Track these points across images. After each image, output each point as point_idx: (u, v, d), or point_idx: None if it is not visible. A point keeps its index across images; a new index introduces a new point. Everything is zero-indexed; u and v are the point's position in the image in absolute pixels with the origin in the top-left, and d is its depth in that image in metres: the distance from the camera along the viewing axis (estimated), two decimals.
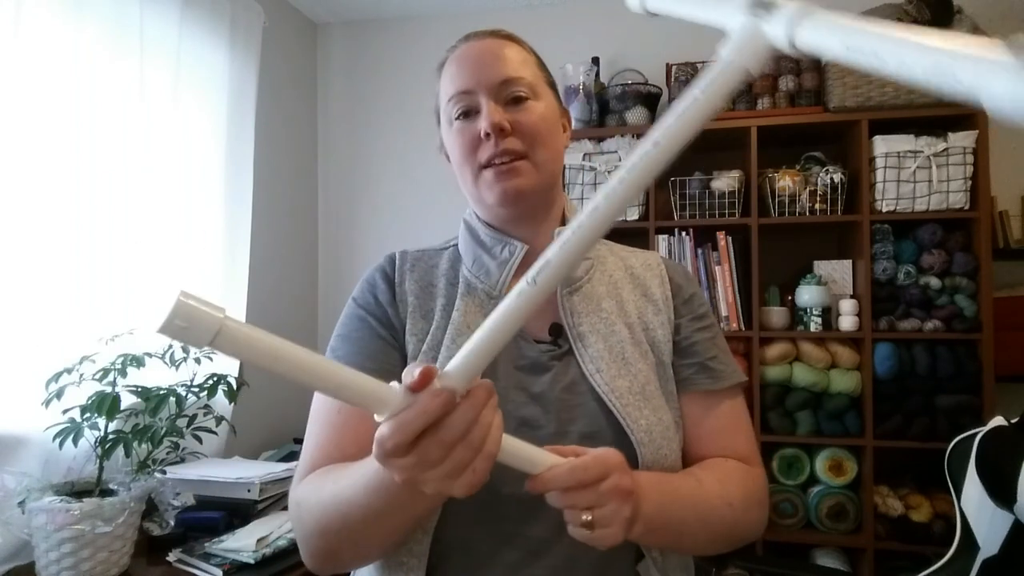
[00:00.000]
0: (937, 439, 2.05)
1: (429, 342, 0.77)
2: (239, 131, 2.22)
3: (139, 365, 1.43)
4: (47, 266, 1.53)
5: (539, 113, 0.78)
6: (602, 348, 0.76)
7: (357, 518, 0.63)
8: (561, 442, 0.70)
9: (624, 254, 0.89)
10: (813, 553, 2.29)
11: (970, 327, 2.11)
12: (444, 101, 0.80)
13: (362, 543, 0.67)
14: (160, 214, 1.88)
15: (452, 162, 0.82)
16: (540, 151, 0.78)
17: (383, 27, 2.93)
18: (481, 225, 0.83)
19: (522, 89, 0.78)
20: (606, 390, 0.73)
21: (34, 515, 1.26)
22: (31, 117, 1.50)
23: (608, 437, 0.71)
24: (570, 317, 0.78)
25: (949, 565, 1.43)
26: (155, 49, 1.86)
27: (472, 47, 0.80)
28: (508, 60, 0.78)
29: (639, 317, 0.81)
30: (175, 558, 1.42)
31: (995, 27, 2.28)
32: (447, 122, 0.80)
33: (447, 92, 0.80)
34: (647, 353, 0.78)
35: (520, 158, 0.76)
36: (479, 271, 0.82)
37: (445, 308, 0.80)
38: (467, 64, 0.79)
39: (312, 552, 0.69)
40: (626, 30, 2.65)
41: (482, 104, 0.76)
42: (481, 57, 0.79)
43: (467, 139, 0.77)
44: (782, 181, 2.27)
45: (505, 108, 0.77)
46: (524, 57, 0.81)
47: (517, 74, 0.78)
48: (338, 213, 2.96)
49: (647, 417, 0.73)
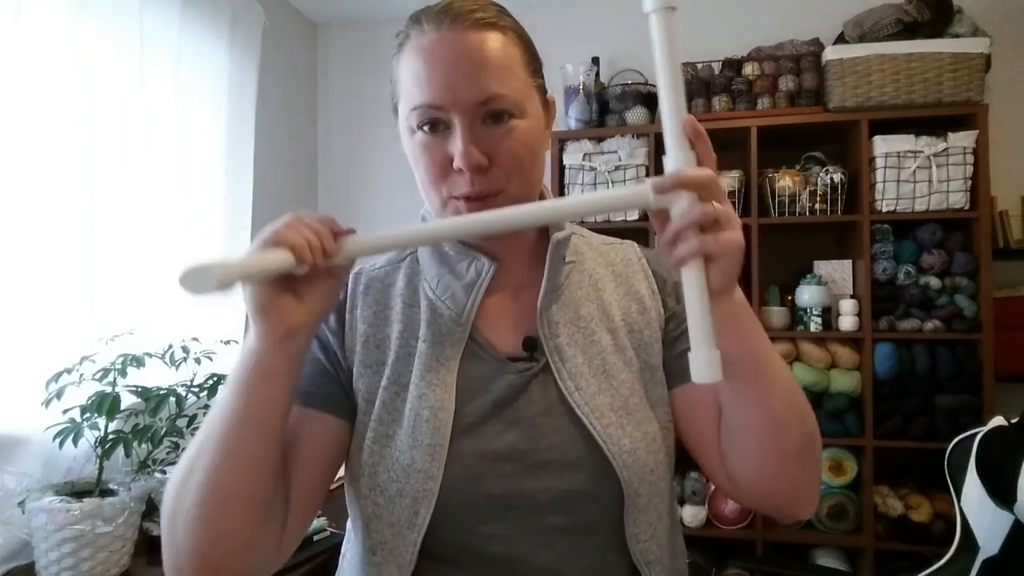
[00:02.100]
0: (937, 439, 2.05)
1: (389, 376, 0.70)
2: (239, 131, 2.22)
3: (139, 365, 1.43)
4: (47, 266, 1.53)
5: (523, 137, 0.66)
6: (581, 362, 0.71)
7: (214, 451, 0.60)
8: (540, 473, 0.68)
9: (604, 248, 0.82)
10: (813, 553, 2.29)
11: (970, 327, 2.11)
12: (405, 105, 0.67)
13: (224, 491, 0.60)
14: (160, 214, 1.88)
15: (412, 167, 0.71)
16: (520, 183, 0.67)
17: (383, 27, 2.92)
18: None
19: (506, 107, 0.65)
20: (586, 411, 0.68)
21: (34, 515, 1.26)
22: (32, 119, 1.50)
23: (589, 463, 0.68)
24: (546, 328, 0.72)
25: (949, 565, 1.43)
26: (155, 49, 1.86)
27: (447, 43, 0.64)
28: (491, 68, 0.64)
29: (623, 319, 0.75)
30: None
31: (995, 27, 2.28)
32: (407, 129, 0.68)
33: (411, 97, 0.66)
34: (631, 360, 0.73)
35: (496, 194, 0.66)
36: (444, 293, 0.73)
37: (402, 336, 0.72)
38: (439, 69, 0.64)
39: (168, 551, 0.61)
40: (626, 30, 2.65)
41: (456, 127, 0.64)
42: (457, 63, 0.64)
43: (433, 161, 0.66)
44: (782, 181, 2.27)
45: (483, 124, 0.65)
46: (510, 56, 0.67)
47: (501, 90, 0.64)
48: (338, 213, 2.92)
49: (631, 435, 0.68)
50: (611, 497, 0.68)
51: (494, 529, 0.67)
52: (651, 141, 2.35)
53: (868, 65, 2.17)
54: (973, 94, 2.13)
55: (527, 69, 0.69)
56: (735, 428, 0.67)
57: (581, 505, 0.68)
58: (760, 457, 0.66)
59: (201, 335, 1.73)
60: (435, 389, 0.69)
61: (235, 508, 0.60)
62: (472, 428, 0.69)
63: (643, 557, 0.70)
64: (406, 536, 0.66)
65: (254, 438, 0.61)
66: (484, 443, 0.68)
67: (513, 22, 0.69)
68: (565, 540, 0.68)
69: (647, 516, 0.70)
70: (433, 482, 0.66)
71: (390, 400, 0.70)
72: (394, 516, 0.67)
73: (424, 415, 0.68)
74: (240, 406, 0.60)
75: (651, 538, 0.70)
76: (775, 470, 0.66)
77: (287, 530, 0.66)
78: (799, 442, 0.64)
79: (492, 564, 0.67)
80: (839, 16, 2.31)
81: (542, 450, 0.68)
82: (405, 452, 0.67)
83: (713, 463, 0.72)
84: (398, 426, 0.69)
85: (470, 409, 0.69)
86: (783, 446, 0.64)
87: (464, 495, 0.66)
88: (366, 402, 0.71)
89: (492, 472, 0.67)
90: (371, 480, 0.69)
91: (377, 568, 0.69)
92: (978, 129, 2.12)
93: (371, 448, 0.69)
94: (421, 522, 0.66)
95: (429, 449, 0.66)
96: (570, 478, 0.68)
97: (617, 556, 0.70)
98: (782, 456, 0.65)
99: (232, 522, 0.60)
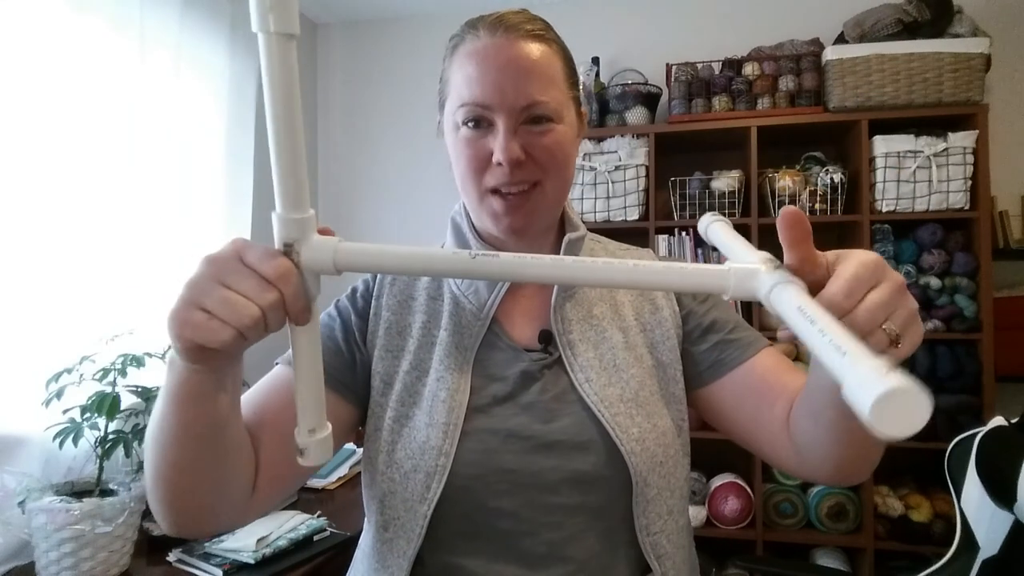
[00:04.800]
0: (937, 439, 2.05)
1: (412, 361, 0.75)
2: (239, 131, 2.22)
3: (139, 365, 1.43)
4: (47, 266, 1.53)
5: (559, 139, 0.72)
6: (592, 356, 0.74)
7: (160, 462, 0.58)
8: (550, 452, 0.69)
9: (620, 253, 0.87)
10: (813, 553, 2.29)
11: (970, 327, 2.11)
12: (453, 102, 0.73)
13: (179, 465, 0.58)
14: (160, 214, 1.88)
15: (452, 162, 0.76)
16: (554, 178, 0.73)
17: (383, 27, 2.93)
18: (472, 234, 0.79)
19: (547, 112, 0.70)
20: (595, 400, 0.71)
21: (34, 515, 1.26)
22: (32, 120, 1.50)
23: (599, 447, 0.70)
24: (560, 324, 0.76)
25: (949, 565, 1.43)
26: (155, 49, 1.86)
27: (500, 49, 0.70)
28: (537, 77, 0.70)
29: (636, 318, 0.78)
30: (175, 558, 1.42)
31: (995, 27, 2.28)
32: (452, 124, 0.73)
33: (460, 95, 0.71)
34: (643, 357, 0.76)
35: (533, 186, 0.72)
36: (467, 288, 0.78)
37: (426, 325, 0.77)
38: (489, 72, 0.69)
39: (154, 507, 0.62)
40: (626, 30, 2.65)
41: (499, 126, 0.69)
42: (507, 68, 0.69)
43: (475, 155, 0.71)
44: (782, 181, 2.27)
45: (523, 126, 0.70)
46: (554, 67, 0.72)
47: (544, 96, 0.70)
48: (337, 212, 2.96)
49: (639, 425, 0.70)
50: (620, 483, 0.69)
51: (503, 504, 0.69)
52: (651, 141, 2.35)
53: (868, 65, 2.17)
54: (973, 94, 2.13)
55: (567, 81, 0.75)
56: (828, 432, 0.62)
57: (590, 487, 0.69)
58: (843, 449, 0.62)
59: None
60: (453, 373, 0.73)
61: (191, 496, 0.60)
62: (486, 409, 0.72)
63: (653, 551, 0.71)
64: (417, 510, 0.69)
65: (200, 453, 0.57)
66: (497, 422, 0.71)
67: (558, 37, 0.76)
68: (573, 521, 0.69)
69: (656, 508, 0.71)
70: (446, 458, 0.69)
71: (412, 384, 0.74)
72: (407, 491, 0.70)
73: (441, 396, 0.72)
74: (175, 424, 0.55)
75: (661, 531, 0.71)
76: (854, 459, 0.64)
77: (258, 493, 0.66)
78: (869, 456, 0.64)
79: (500, 540, 0.69)
80: (839, 16, 2.31)
81: (553, 431, 0.71)
82: (422, 430, 0.71)
83: (776, 444, 0.70)
84: (417, 407, 0.73)
85: (486, 392, 0.73)
86: (870, 446, 0.62)
87: (475, 468, 0.69)
88: (385, 384, 0.75)
89: (504, 448, 0.70)
90: (388, 457, 0.72)
91: (388, 544, 0.71)
92: (978, 129, 2.12)
93: (391, 427, 0.73)
94: (432, 496, 0.68)
95: (444, 427, 0.70)
96: (579, 459, 0.69)
97: (626, 549, 0.71)
98: (866, 451, 0.63)
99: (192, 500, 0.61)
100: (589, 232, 0.85)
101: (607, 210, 2.36)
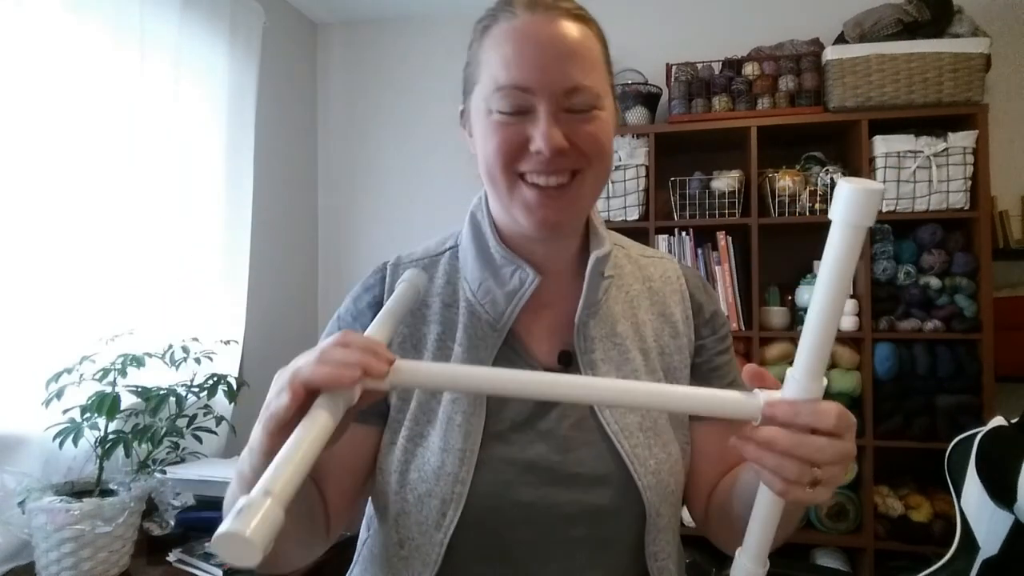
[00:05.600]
0: (937, 439, 2.05)
1: None
2: (239, 131, 2.22)
3: (139, 365, 1.43)
4: (47, 266, 1.53)
5: (603, 126, 0.66)
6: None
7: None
8: (567, 486, 0.68)
9: (643, 261, 0.81)
10: (813, 553, 2.29)
11: (970, 327, 2.11)
12: (486, 86, 0.66)
13: None
14: (160, 214, 1.88)
15: (479, 149, 0.69)
16: (597, 168, 0.67)
17: (383, 27, 2.93)
18: (492, 233, 0.73)
19: (589, 98, 0.64)
20: (615, 429, 0.69)
21: (34, 515, 1.26)
22: (32, 120, 1.50)
23: (616, 480, 0.68)
24: (583, 342, 0.72)
25: (949, 565, 1.43)
26: (155, 49, 1.86)
27: (540, 27, 0.64)
28: (580, 59, 0.64)
29: (655, 340, 0.75)
30: (175, 558, 1.42)
31: (995, 27, 2.28)
32: (484, 109, 0.66)
33: (495, 78, 0.64)
34: (661, 381, 0.73)
35: (572, 176, 0.66)
36: (484, 297, 0.73)
37: (440, 338, 0.72)
38: (529, 52, 0.63)
39: None
40: (626, 30, 2.65)
41: (539, 111, 0.63)
42: (549, 48, 0.63)
43: (509, 140, 0.64)
44: (782, 181, 2.27)
45: (564, 113, 0.64)
46: (595, 50, 0.67)
47: (587, 81, 0.64)
48: (338, 213, 2.96)
49: (656, 456, 0.69)
50: (633, 515, 0.69)
51: (518, 535, 0.68)
52: (651, 141, 2.35)
53: (868, 65, 2.17)
54: (973, 94, 2.13)
55: (606, 67, 0.70)
56: (740, 522, 0.66)
57: (605, 520, 0.69)
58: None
59: (201, 335, 1.74)
60: (468, 393, 0.69)
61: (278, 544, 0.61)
62: (503, 436, 0.69)
63: (660, 574, 0.71)
64: (433, 536, 0.67)
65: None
66: (515, 451, 0.68)
67: (596, 20, 0.70)
68: (584, 551, 0.69)
69: (666, 535, 0.71)
70: (462, 486, 0.66)
71: (426, 402, 0.71)
72: (422, 515, 0.68)
73: (456, 420, 0.68)
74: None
75: (668, 556, 0.71)
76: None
77: (331, 527, 0.72)
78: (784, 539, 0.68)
79: (513, 566, 0.68)
80: (839, 16, 2.31)
81: (571, 463, 0.68)
82: (436, 455, 0.68)
83: (694, 502, 0.77)
84: (431, 427, 0.70)
85: (503, 416, 0.70)
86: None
87: (492, 500, 0.67)
88: (402, 400, 0.72)
89: (521, 480, 0.68)
90: (401, 477, 0.69)
91: (405, 561, 0.70)
92: (978, 129, 2.12)
93: (404, 446, 0.70)
94: (448, 524, 0.66)
95: (460, 454, 0.67)
96: (596, 493, 0.68)
97: (632, 570, 0.71)
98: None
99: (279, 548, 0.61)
100: (616, 236, 0.81)
101: (607, 210, 2.36)
